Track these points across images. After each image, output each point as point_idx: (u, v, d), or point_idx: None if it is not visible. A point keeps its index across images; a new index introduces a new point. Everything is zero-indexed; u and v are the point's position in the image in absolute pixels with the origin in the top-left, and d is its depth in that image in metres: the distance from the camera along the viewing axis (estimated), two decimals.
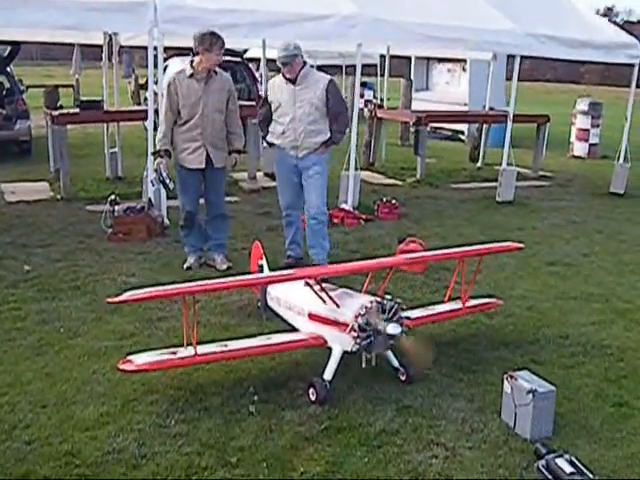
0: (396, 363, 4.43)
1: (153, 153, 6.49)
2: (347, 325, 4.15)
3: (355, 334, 4.08)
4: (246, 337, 4.55)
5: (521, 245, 5.39)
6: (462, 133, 18.16)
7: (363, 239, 8.14)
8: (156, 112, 7.69)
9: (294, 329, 4.73)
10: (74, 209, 8.90)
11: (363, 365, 4.27)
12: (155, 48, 7.76)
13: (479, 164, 13.98)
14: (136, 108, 10.43)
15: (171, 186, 6.32)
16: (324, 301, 4.38)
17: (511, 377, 4.07)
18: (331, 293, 4.35)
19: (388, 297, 4.19)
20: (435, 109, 14.74)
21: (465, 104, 17.29)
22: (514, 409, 3.99)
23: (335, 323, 4.27)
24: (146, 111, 8.48)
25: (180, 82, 6.29)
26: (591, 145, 15.86)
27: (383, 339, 4.11)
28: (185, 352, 4.09)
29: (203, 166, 6.36)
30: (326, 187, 6.83)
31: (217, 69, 6.40)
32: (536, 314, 5.84)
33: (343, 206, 9.07)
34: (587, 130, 15.85)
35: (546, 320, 5.73)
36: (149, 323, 5.26)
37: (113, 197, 7.67)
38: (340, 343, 4.26)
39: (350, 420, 4.04)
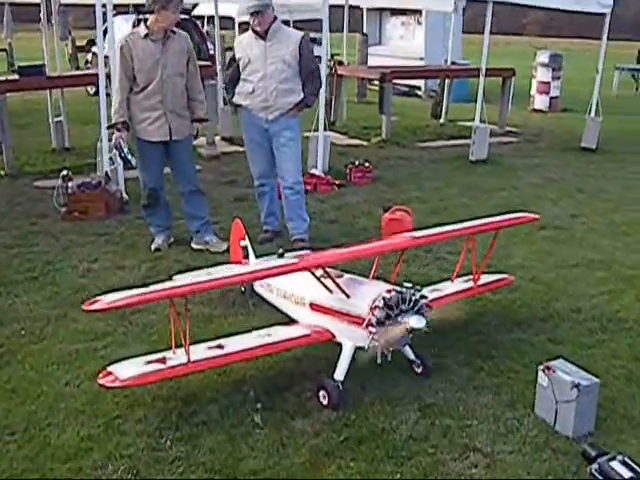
0: (412, 355, 3.95)
1: (109, 127, 5.75)
2: (362, 319, 3.63)
3: (373, 329, 3.56)
4: (238, 333, 3.98)
5: (537, 216, 4.92)
6: (419, 89, 17.66)
7: (340, 207, 7.60)
8: (107, 77, 6.92)
9: (290, 319, 4.20)
10: (20, 186, 8.08)
11: (378, 361, 3.76)
12: (104, 5, 6.94)
13: (442, 120, 13.55)
14: (82, 73, 9.49)
15: (134, 162, 5.61)
16: (329, 290, 3.84)
17: (548, 368, 3.63)
18: (337, 280, 3.81)
19: (407, 284, 3.67)
20: (389, 64, 14.11)
21: (421, 58, 16.77)
22: (554, 405, 3.55)
23: (346, 316, 3.74)
24: (93, 76, 7.66)
25: (134, 44, 5.55)
26: (552, 98, 15.56)
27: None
28: (176, 359, 3.51)
29: (167, 138, 5.68)
30: (300, 154, 6.26)
31: (174, 28, 5.68)
32: (541, 286, 5.43)
33: (313, 171, 8.47)
34: (548, 83, 15.53)
35: (553, 293, 5.32)
36: (122, 319, 4.61)
37: (65, 172, 6.89)
38: (352, 338, 3.74)
39: (370, 427, 3.54)
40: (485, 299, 5.07)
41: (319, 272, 3.81)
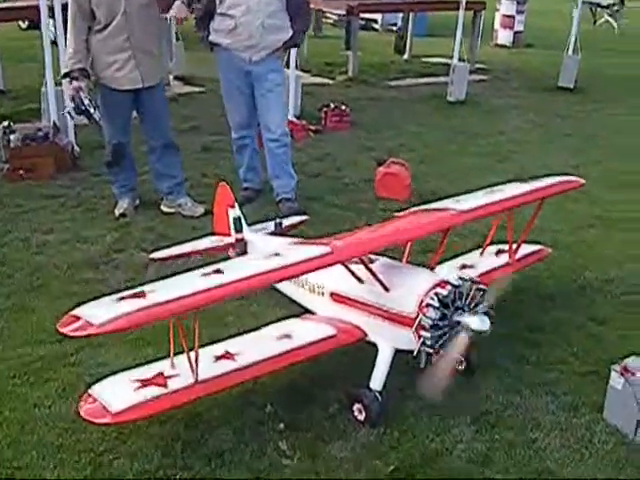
0: None
1: (64, 76, 4.76)
2: (408, 319, 2.94)
3: (426, 333, 2.88)
4: (245, 331, 3.24)
5: (582, 181, 4.26)
6: (375, 22, 16.68)
7: (322, 157, 6.84)
8: (51, 9, 5.85)
9: (302, 307, 3.50)
10: None
11: (421, 365, 3.11)
12: None
13: (406, 57, 12.75)
14: (16, 5, 8.15)
15: (97, 116, 4.64)
16: (358, 278, 3.13)
17: (625, 370, 3.05)
18: (371, 266, 3.09)
19: (463, 275, 2.98)
20: None
21: None
22: (637, 413, 2.99)
23: (385, 313, 3.05)
24: (29, 8, 6.54)
25: None
26: (516, 33, 14.84)
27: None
28: (177, 376, 2.76)
29: (140, 85, 4.76)
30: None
31: None
32: (565, 252, 4.83)
33: None
34: (512, 17, 14.77)
35: (580, 260, 4.75)
36: None
37: (6, 123, 5.85)
38: (392, 340, 3.06)
39: (421, 448, 2.91)
40: None
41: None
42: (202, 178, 6.00)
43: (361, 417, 3.03)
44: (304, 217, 4.68)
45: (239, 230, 4.12)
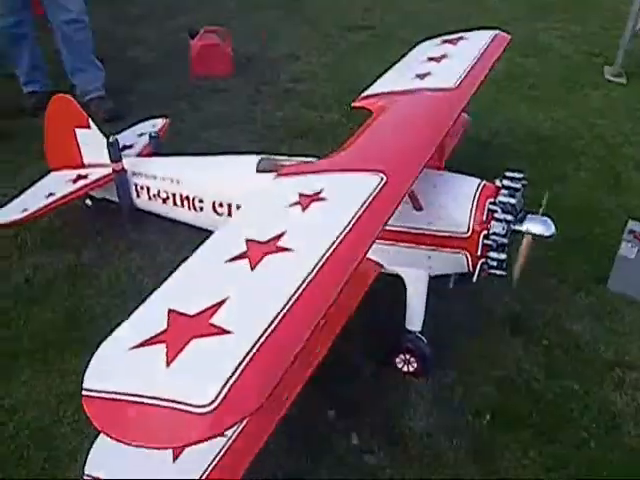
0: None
1: None
2: (457, 239, 2.38)
3: (494, 254, 2.34)
4: None
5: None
6: None
7: None
8: None
9: None
10: None
11: (451, 285, 2.61)
12: None
13: None
14: None
15: None
16: None
17: (633, 234, 2.89)
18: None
19: (513, 174, 2.45)
20: None
21: None
22: None
23: (421, 238, 2.43)
24: None
25: None
26: None
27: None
28: None
29: None
30: None
31: None
32: None
33: None
34: None
35: None
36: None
37: None
38: (429, 267, 2.48)
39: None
40: None
41: None
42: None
43: (410, 368, 2.49)
44: (165, 119, 3.60)
45: (117, 158, 3.01)
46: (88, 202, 3.29)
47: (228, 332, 1.50)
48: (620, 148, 4.18)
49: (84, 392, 1.40)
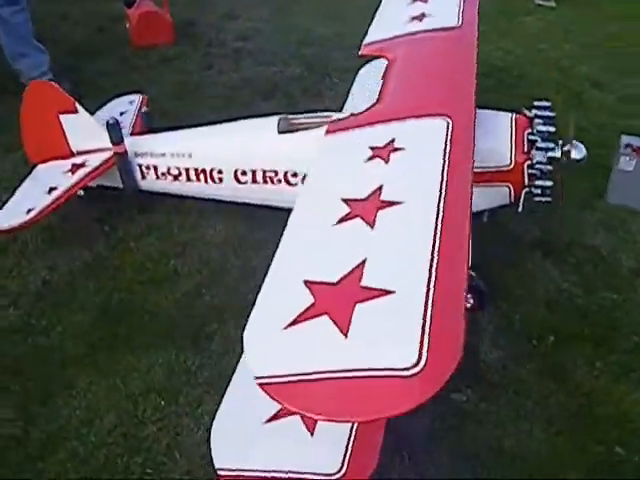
0: None
1: None
2: (499, 173, 2.44)
3: (540, 182, 2.42)
4: None
5: None
6: None
7: None
8: None
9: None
10: None
11: (484, 219, 2.69)
12: None
13: None
14: None
15: None
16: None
17: (630, 148, 3.05)
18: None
19: (541, 102, 2.51)
20: None
21: None
22: None
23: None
24: None
25: None
26: None
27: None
28: None
29: None
30: None
31: None
32: None
33: None
34: None
35: None
36: None
37: None
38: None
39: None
40: None
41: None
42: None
43: (467, 305, 2.54)
44: (141, 95, 3.43)
45: (118, 140, 2.86)
46: (80, 192, 3.12)
47: (390, 292, 1.49)
48: (572, 70, 4.37)
49: (257, 381, 1.35)
